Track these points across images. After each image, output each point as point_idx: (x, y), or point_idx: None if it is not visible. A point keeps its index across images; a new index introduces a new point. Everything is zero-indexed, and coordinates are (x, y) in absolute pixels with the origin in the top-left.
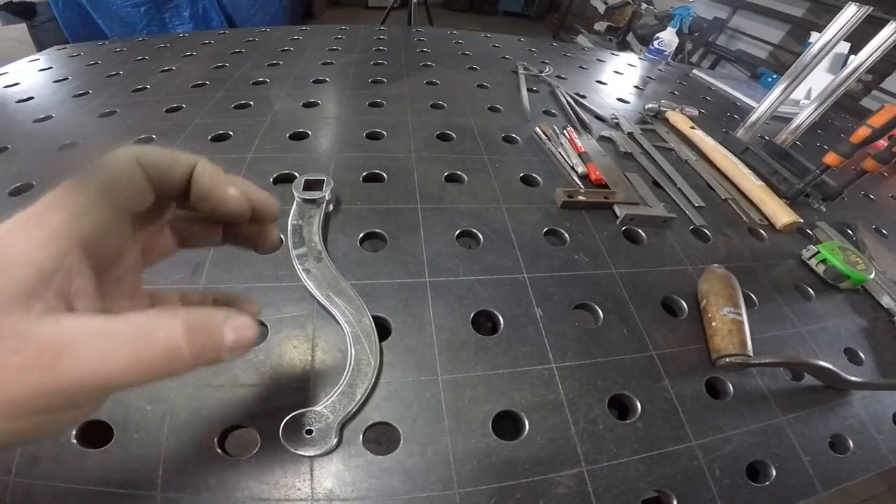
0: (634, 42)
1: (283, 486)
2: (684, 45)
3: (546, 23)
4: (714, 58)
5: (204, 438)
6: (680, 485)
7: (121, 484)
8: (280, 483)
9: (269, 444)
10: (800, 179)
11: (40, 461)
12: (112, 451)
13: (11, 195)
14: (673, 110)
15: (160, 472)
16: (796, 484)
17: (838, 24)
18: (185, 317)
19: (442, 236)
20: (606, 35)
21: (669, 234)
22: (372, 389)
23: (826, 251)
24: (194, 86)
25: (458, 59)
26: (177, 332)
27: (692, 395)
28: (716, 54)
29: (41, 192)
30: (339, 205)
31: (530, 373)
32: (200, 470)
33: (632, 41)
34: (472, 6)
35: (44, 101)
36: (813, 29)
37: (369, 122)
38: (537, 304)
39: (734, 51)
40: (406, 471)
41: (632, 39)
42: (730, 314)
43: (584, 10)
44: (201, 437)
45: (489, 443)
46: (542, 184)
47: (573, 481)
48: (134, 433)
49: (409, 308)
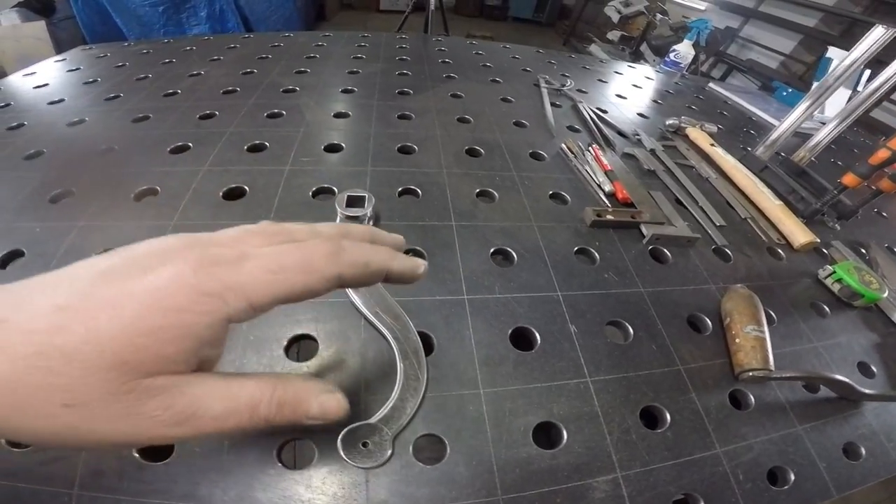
0: (648, 52)
1: (341, 498)
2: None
3: (557, 29)
4: (726, 68)
5: (263, 451)
6: (707, 489)
7: (182, 497)
8: (338, 495)
9: (325, 457)
10: (817, 199)
11: (103, 474)
12: (173, 464)
13: (52, 202)
14: (693, 126)
15: (221, 485)
16: (813, 488)
17: (865, 45)
18: (280, 396)
19: (477, 254)
20: (620, 45)
21: (693, 253)
22: (421, 403)
23: (842, 271)
24: (225, 92)
25: (479, 71)
26: (272, 411)
27: (717, 406)
28: (727, 64)
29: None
30: (377, 221)
31: (567, 386)
32: (262, 483)
33: (645, 51)
34: (482, 12)
35: (75, 104)
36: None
37: (400, 136)
38: (571, 321)
39: (745, 60)
40: (453, 479)
41: (645, 50)
42: (753, 332)
43: (596, 18)
44: (260, 450)
45: (530, 452)
46: (571, 202)
47: (609, 486)
48: (195, 447)
49: (450, 324)
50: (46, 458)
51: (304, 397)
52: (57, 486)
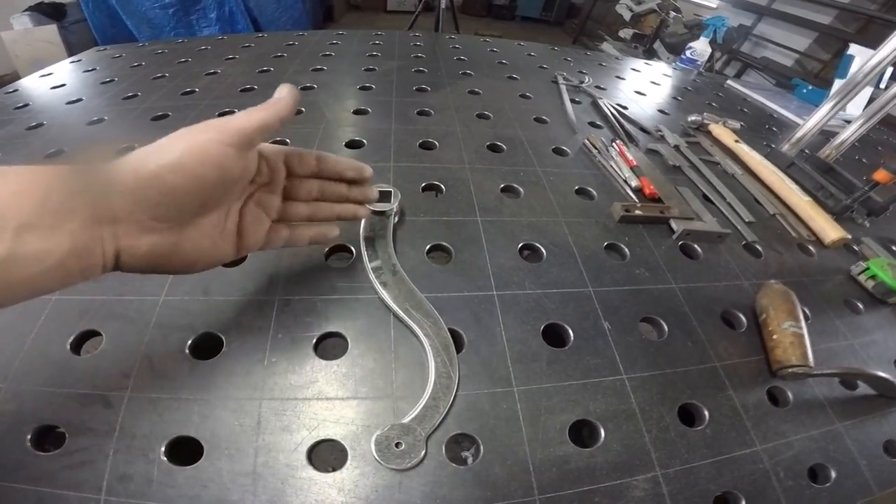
0: (662, 50)
1: (374, 501)
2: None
3: (565, 28)
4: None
5: (293, 453)
6: (748, 486)
7: (213, 502)
8: (371, 498)
9: (357, 459)
10: (847, 195)
11: (132, 478)
12: (203, 467)
13: None
14: (716, 123)
15: (252, 490)
16: (854, 485)
17: (893, 43)
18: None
19: (505, 249)
20: (632, 43)
21: (723, 249)
22: (453, 402)
23: (876, 267)
24: (242, 90)
25: (496, 68)
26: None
27: (755, 404)
28: (741, 62)
29: None
30: (403, 216)
31: (602, 383)
32: (293, 487)
33: (659, 49)
34: (489, 11)
35: (93, 103)
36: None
37: (420, 132)
38: (604, 317)
39: (759, 58)
40: (488, 480)
41: (659, 47)
42: (790, 328)
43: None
44: (290, 452)
45: (567, 450)
46: (598, 197)
47: (649, 485)
48: (224, 449)
49: (480, 321)
50: (73, 463)
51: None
52: (84, 491)
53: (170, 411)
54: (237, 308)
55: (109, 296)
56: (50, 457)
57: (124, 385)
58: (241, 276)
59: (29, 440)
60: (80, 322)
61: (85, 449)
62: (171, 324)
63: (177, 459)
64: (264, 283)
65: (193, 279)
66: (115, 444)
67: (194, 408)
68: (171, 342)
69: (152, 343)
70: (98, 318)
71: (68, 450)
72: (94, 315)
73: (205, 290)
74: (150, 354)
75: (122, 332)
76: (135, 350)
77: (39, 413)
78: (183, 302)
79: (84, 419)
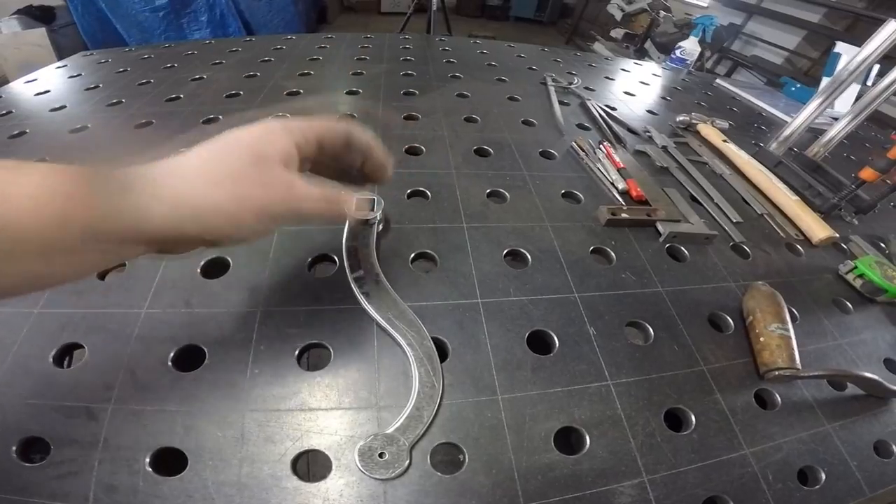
0: (653, 50)
1: None
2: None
3: (559, 28)
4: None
5: (277, 464)
6: (736, 490)
7: None
8: None
9: (341, 469)
10: (834, 193)
11: (117, 489)
12: (187, 478)
13: None
14: (704, 123)
15: (237, 499)
16: (845, 487)
17: (878, 40)
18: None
19: (490, 256)
20: (623, 42)
21: (711, 250)
22: (437, 411)
23: (864, 266)
24: (228, 95)
25: (485, 70)
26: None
27: (742, 407)
28: (732, 60)
29: None
30: (388, 224)
31: (588, 390)
32: (277, 497)
33: (650, 49)
34: (483, 12)
35: (77, 110)
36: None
37: (406, 137)
38: (590, 322)
39: (749, 57)
40: (473, 488)
41: (650, 47)
42: (777, 330)
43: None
44: (274, 463)
45: (552, 458)
46: (584, 201)
47: (635, 491)
48: (209, 460)
49: (465, 329)
50: (59, 473)
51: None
52: (71, 501)
53: (154, 423)
54: (219, 320)
55: (91, 309)
56: (36, 468)
57: (108, 397)
58: (224, 288)
59: (14, 451)
60: (63, 334)
61: (71, 460)
62: (153, 336)
63: (162, 470)
64: (246, 295)
65: (174, 292)
66: (99, 454)
67: (178, 419)
68: (153, 354)
69: (135, 355)
70: (80, 331)
71: (53, 461)
72: (75, 328)
73: (187, 302)
74: (132, 367)
75: (104, 344)
76: (117, 362)
77: (24, 425)
78: (165, 314)
79: (69, 431)
